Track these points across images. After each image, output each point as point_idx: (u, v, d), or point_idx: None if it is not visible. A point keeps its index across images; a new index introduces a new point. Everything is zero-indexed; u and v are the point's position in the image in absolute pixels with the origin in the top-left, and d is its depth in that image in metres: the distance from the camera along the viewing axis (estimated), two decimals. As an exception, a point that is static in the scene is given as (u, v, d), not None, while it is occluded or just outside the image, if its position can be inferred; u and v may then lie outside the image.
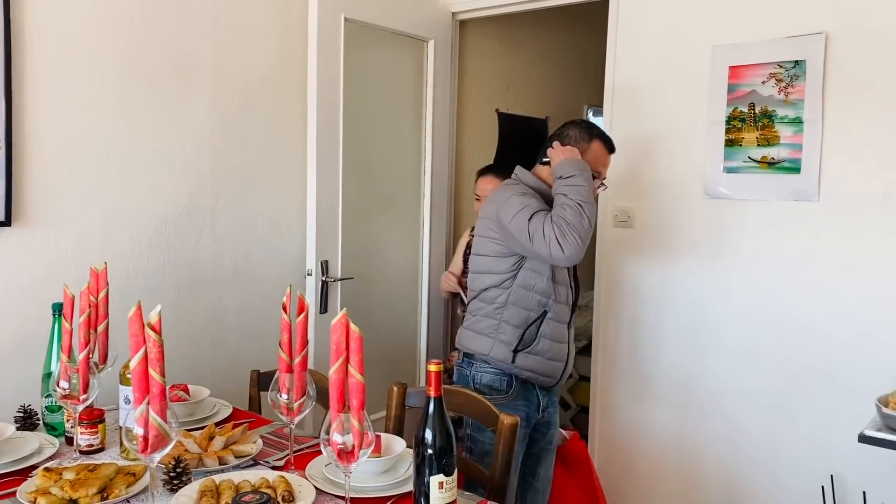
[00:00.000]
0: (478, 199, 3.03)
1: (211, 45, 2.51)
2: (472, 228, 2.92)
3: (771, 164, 2.51)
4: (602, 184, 2.27)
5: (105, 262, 1.94)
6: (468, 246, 2.85)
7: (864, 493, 2.37)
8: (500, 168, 3.01)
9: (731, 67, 2.57)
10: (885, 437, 1.94)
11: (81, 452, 1.73)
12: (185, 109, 2.47)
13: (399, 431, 2.02)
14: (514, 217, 2.11)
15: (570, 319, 2.31)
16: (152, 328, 1.34)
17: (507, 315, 2.22)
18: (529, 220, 2.08)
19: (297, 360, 1.62)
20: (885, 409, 1.97)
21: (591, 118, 4.54)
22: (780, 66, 2.47)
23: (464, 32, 3.52)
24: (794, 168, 2.46)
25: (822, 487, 2.45)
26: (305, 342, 1.64)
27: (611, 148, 2.27)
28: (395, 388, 2.04)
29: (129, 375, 1.51)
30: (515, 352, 2.21)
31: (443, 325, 3.48)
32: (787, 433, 2.56)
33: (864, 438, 1.96)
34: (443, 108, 3.37)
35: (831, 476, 2.44)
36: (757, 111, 2.52)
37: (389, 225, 3.22)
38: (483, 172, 3.05)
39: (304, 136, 2.80)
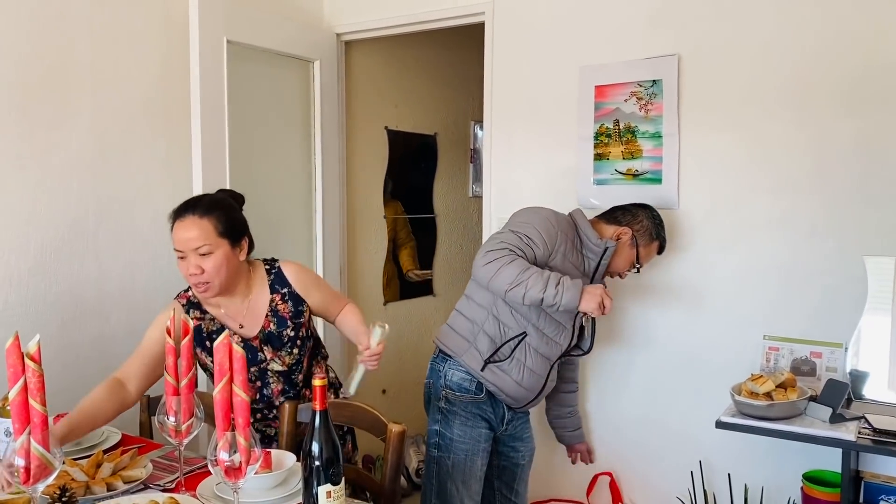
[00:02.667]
0: None
1: (89, 68, 2.49)
2: None
3: (635, 176, 2.71)
4: (637, 271, 2.41)
5: (-20, 294, 1.90)
6: None
7: (728, 475, 2.59)
8: None
9: (597, 87, 2.76)
10: (738, 422, 2.14)
11: (-40, 490, 1.69)
12: (63, 134, 2.43)
13: (292, 447, 2.06)
14: (504, 229, 2.23)
15: (555, 360, 2.34)
16: (31, 358, 1.35)
17: (488, 324, 2.27)
18: (503, 241, 2.14)
19: (183, 382, 1.65)
20: (738, 397, 2.18)
21: (478, 133, 4.70)
22: (640, 85, 2.68)
23: (350, 52, 3.60)
24: (655, 179, 2.67)
25: (692, 473, 2.66)
26: (192, 365, 1.67)
27: (662, 250, 2.44)
28: (287, 406, 2.08)
29: (8, 408, 1.51)
30: (486, 362, 2.27)
31: (341, 344, 3.53)
32: (659, 421, 2.76)
33: (720, 424, 2.16)
34: (331, 127, 3.43)
35: (699, 461, 2.65)
36: (621, 127, 2.72)
37: (280, 244, 3.24)
38: None
39: (188, 158, 2.80)
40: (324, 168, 3.39)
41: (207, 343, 2.05)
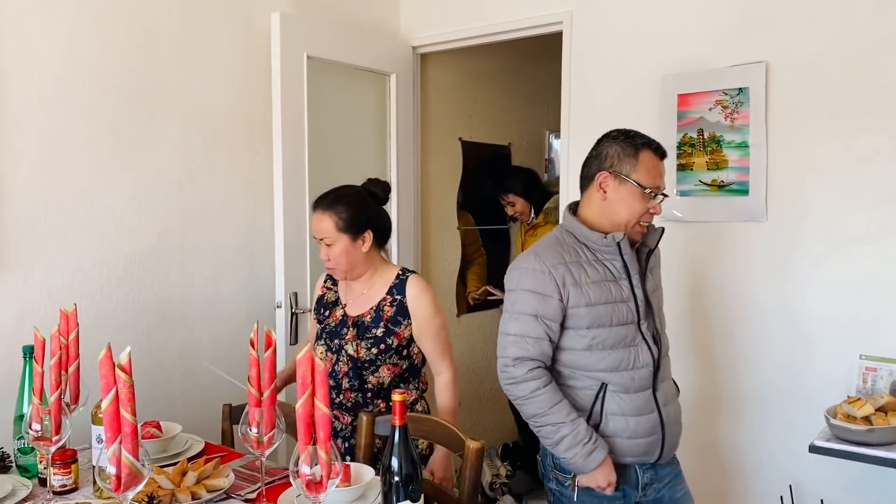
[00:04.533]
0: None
1: (176, 87, 2.57)
2: None
3: (721, 187, 2.62)
4: (663, 194, 1.92)
5: (75, 304, 1.97)
6: None
7: (821, 500, 2.46)
8: None
9: (680, 95, 2.68)
10: (834, 446, 2.03)
11: (55, 493, 1.76)
12: (151, 150, 2.52)
13: (370, 459, 2.07)
14: (505, 309, 1.93)
15: (654, 381, 1.92)
16: (122, 369, 1.39)
17: (567, 392, 1.90)
18: (512, 356, 1.87)
19: (265, 394, 1.67)
20: (833, 421, 2.06)
21: (553, 142, 4.65)
22: (726, 94, 2.59)
23: (425, 65, 3.61)
24: (742, 190, 2.58)
25: (781, 497, 2.53)
26: (273, 376, 1.69)
27: (662, 153, 1.93)
28: (364, 418, 2.08)
29: (100, 415, 1.55)
30: None
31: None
32: (748, 442, 2.65)
33: (814, 449, 2.06)
34: (406, 139, 3.45)
35: (790, 486, 2.53)
36: (706, 136, 2.63)
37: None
38: None
39: (269, 172, 2.86)
40: (399, 180, 3.40)
41: (322, 310, 2.31)
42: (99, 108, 2.37)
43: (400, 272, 2.24)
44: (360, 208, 2.20)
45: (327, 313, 2.28)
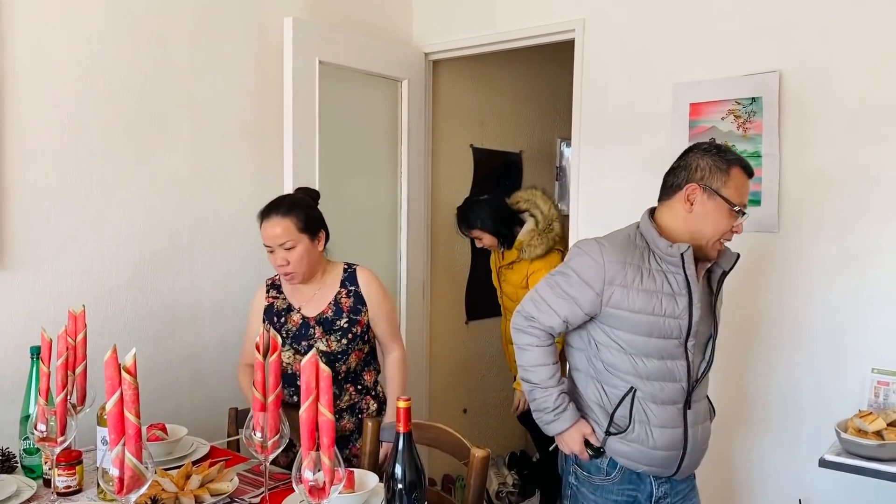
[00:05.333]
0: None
1: (188, 90, 2.58)
2: None
3: (732, 197, 2.59)
4: (744, 212, 1.87)
5: (83, 305, 1.98)
6: None
7: (831, 516, 2.43)
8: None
9: (692, 104, 2.66)
10: (845, 461, 2.00)
11: (59, 494, 1.76)
12: (162, 153, 2.52)
13: (374, 467, 2.06)
14: (552, 274, 1.96)
15: (687, 397, 1.91)
16: (127, 371, 1.39)
17: (591, 390, 1.94)
18: (543, 287, 1.93)
19: (270, 398, 1.66)
20: (843, 435, 2.04)
21: (564, 150, 4.64)
22: (738, 103, 2.57)
23: (437, 71, 3.61)
24: (754, 201, 2.55)
25: (792, 511, 2.51)
26: (279, 381, 1.69)
27: (750, 172, 1.89)
28: (370, 424, 2.08)
29: (105, 416, 1.55)
30: (607, 434, 1.90)
31: (421, 360, 3.52)
32: (757, 456, 2.62)
33: (824, 463, 2.03)
34: (418, 145, 3.45)
35: (799, 500, 2.50)
36: (717, 146, 2.61)
37: (366, 258, 3.26)
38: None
39: (279, 176, 2.86)
40: (409, 185, 3.40)
41: (274, 318, 2.34)
42: (112, 111, 2.38)
43: (346, 266, 2.39)
44: (313, 211, 2.34)
45: (283, 320, 2.32)
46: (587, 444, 1.92)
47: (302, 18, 2.86)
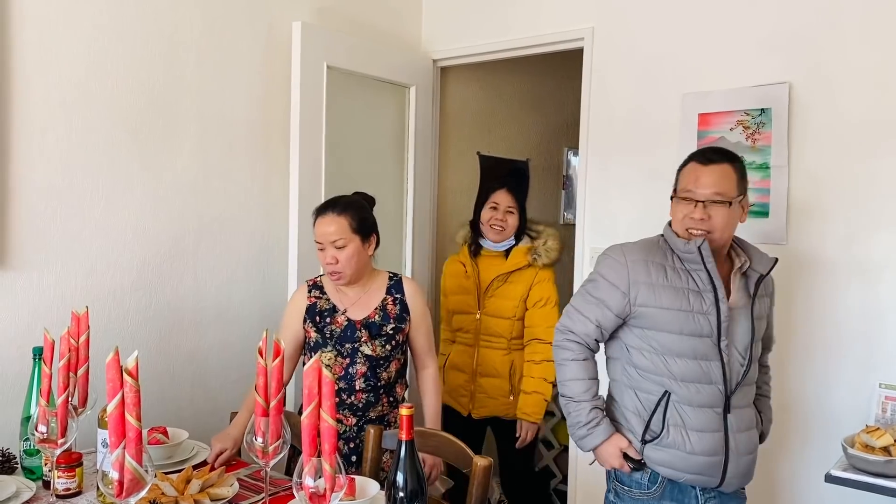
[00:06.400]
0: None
1: (195, 93, 2.58)
2: None
3: (740, 208, 2.58)
4: (698, 201, 1.90)
5: (87, 306, 1.97)
6: None
7: (836, 532, 2.40)
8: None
9: (701, 115, 2.65)
10: (851, 477, 1.98)
11: (58, 496, 1.75)
12: (168, 155, 2.52)
13: (375, 474, 2.04)
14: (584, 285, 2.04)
15: (726, 403, 1.89)
16: (129, 373, 1.38)
17: (627, 398, 1.96)
18: (565, 325, 2.00)
19: (272, 403, 1.65)
20: (850, 450, 2.01)
21: (571, 159, 4.63)
22: (747, 114, 2.56)
23: (445, 78, 3.61)
24: (762, 212, 2.54)
25: (796, 527, 2.48)
26: (281, 386, 1.67)
27: (705, 159, 1.94)
28: (372, 431, 2.06)
29: (106, 419, 1.54)
30: (644, 443, 1.91)
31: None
32: (762, 469, 2.59)
33: (830, 478, 2.00)
34: (424, 151, 3.44)
35: (805, 515, 2.48)
36: (726, 157, 2.60)
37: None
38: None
39: (286, 179, 2.86)
40: (415, 192, 3.40)
41: (317, 318, 2.30)
42: (119, 113, 2.38)
43: (391, 274, 2.39)
44: (368, 213, 2.35)
45: (328, 320, 2.29)
46: (626, 457, 1.91)
47: (310, 23, 2.86)
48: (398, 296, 2.34)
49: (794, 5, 2.50)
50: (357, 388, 2.25)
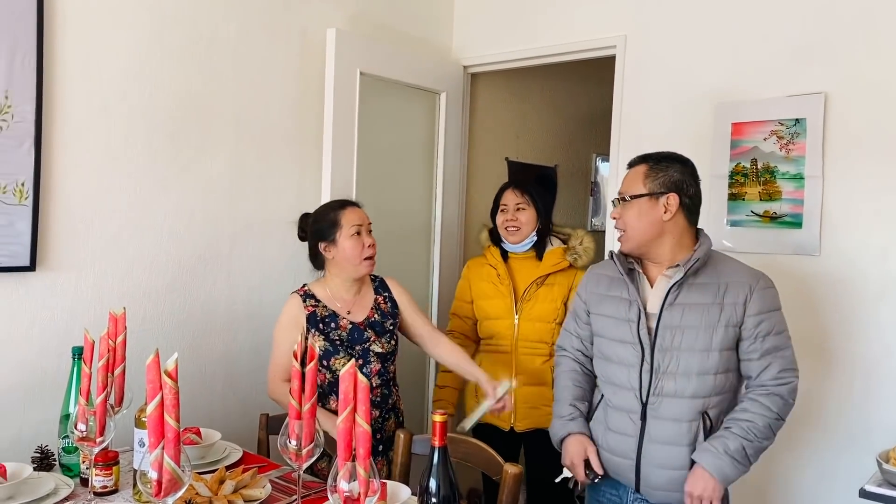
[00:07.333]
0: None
1: (231, 98, 2.62)
2: None
3: (773, 219, 2.56)
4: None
5: (124, 307, 2.00)
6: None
7: (868, 547, 2.37)
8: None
9: (734, 124, 2.64)
10: (887, 492, 1.95)
11: (96, 494, 1.78)
12: (205, 159, 2.56)
13: (405, 478, 2.06)
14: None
15: (643, 409, 1.93)
16: (169, 375, 1.40)
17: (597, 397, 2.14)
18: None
19: (306, 406, 1.67)
20: (885, 465, 1.99)
21: (599, 165, 4.62)
22: (781, 124, 2.54)
23: (475, 84, 3.63)
24: (795, 223, 2.52)
25: (827, 541, 2.45)
26: (315, 390, 1.69)
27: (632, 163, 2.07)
28: (402, 436, 2.08)
29: (144, 419, 1.57)
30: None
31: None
32: (794, 483, 2.57)
33: (864, 494, 1.98)
34: (453, 157, 3.46)
35: (836, 530, 2.45)
36: (759, 167, 2.58)
37: (400, 270, 3.27)
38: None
39: (317, 184, 2.89)
40: (444, 197, 3.41)
41: (321, 325, 2.35)
42: (157, 118, 2.42)
43: (371, 276, 2.51)
44: None
45: (332, 326, 2.34)
46: (587, 465, 2.01)
47: (344, 30, 2.89)
48: (386, 294, 2.48)
49: (830, 14, 2.48)
50: (374, 384, 2.33)
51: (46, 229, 2.19)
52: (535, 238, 2.79)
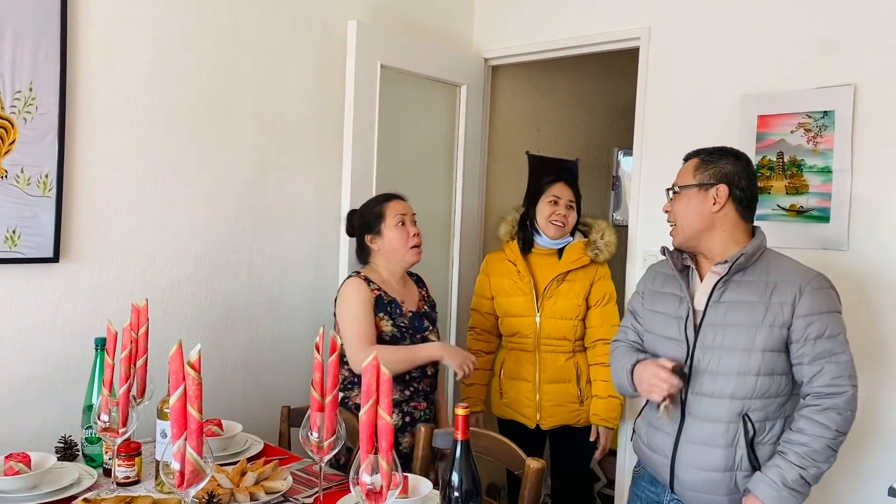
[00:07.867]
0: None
1: (252, 91, 2.62)
2: None
3: (800, 213, 2.52)
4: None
5: (146, 299, 2.01)
6: None
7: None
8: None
9: (760, 116, 2.60)
10: (916, 491, 1.92)
11: (118, 484, 1.79)
12: (226, 152, 2.56)
13: (426, 472, 2.05)
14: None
15: (682, 410, 1.90)
16: (192, 367, 1.40)
17: None
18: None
19: (328, 399, 1.67)
20: (915, 463, 1.95)
21: (621, 159, 4.58)
22: (809, 117, 2.50)
23: (496, 77, 3.60)
24: (823, 217, 2.47)
25: (853, 541, 2.41)
26: (336, 382, 1.69)
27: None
28: (423, 430, 2.07)
29: (166, 410, 1.58)
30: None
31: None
32: (821, 481, 2.53)
33: (893, 492, 1.95)
34: (474, 150, 3.44)
35: (863, 529, 2.41)
36: (786, 160, 2.54)
37: (419, 264, 3.27)
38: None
39: (338, 177, 2.89)
40: (464, 191, 3.39)
41: (388, 309, 2.37)
42: (179, 110, 2.43)
43: (408, 272, 2.56)
44: None
45: (398, 312, 2.37)
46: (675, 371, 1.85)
47: (365, 22, 2.88)
48: (425, 289, 2.58)
49: (860, 4, 2.43)
50: (428, 373, 2.41)
51: (69, 221, 2.20)
52: (571, 239, 2.80)
